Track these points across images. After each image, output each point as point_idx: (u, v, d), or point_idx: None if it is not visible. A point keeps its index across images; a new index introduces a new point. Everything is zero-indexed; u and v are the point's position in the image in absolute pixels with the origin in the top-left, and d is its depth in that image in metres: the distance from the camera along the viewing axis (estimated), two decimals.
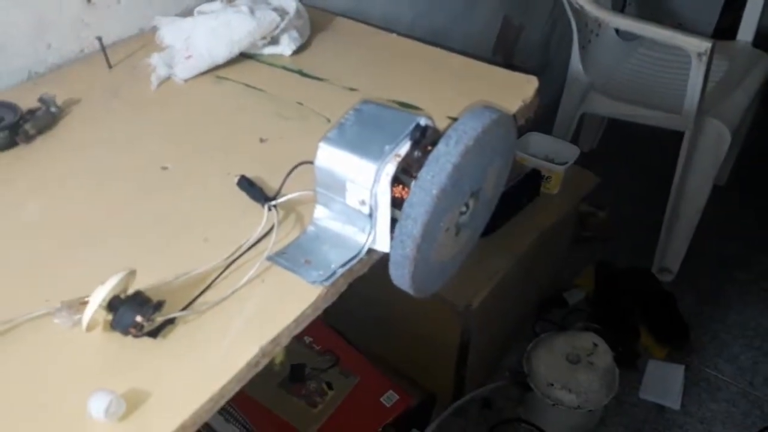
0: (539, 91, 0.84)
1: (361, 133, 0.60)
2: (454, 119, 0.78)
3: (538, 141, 1.62)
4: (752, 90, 1.73)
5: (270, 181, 0.70)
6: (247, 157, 0.74)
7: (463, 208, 0.60)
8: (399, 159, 0.58)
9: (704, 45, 1.43)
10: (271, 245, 0.61)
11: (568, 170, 1.52)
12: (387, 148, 0.58)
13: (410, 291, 0.59)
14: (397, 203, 0.59)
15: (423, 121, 0.60)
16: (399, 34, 0.96)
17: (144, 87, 0.85)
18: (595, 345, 1.49)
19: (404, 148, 0.59)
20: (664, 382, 1.65)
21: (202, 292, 0.58)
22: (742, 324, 1.79)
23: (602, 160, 2.04)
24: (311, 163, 0.63)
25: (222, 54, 0.87)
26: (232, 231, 0.64)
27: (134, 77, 0.87)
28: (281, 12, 0.91)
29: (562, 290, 1.83)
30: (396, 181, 0.59)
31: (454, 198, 0.57)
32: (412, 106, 0.81)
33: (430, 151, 0.60)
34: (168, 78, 0.86)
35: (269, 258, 0.61)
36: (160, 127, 0.80)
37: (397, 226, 0.55)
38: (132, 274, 0.56)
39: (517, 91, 0.83)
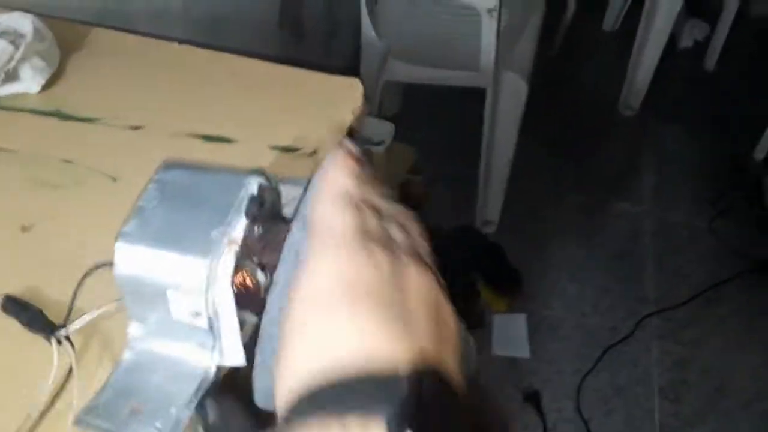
0: (363, 93, 0.72)
1: (173, 216, 0.43)
2: (286, 149, 0.64)
3: None
4: (534, 35, 1.77)
5: (52, 293, 0.50)
6: (6, 259, 0.53)
7: None
8: (236, 247, 0.43)
9: (492, 1, 1.41)
10: (74, 400, 0.43)
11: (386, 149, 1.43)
12: (215, 233, 0.42)
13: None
14: (241, 300, 0.44)
15: (255, 187, 0.45)
16: (180, 41, 0.77)
17: None
18: None
19: (238, 228, 0.43)
20: (511, 334, 1.69)
21: None
22: (563, 259, 1.89)
23: (407, 122, 1.99)
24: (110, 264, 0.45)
25: None
26: (11, 389, 0.44)
27: None
28: (13, 36, 0.67)
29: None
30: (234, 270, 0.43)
31: None
32: (223, 139, 0.65)
33: (272, 223, 0.46)
34: None
35: (78, 422, 0.42)
36: None
37: (258, 350, 0.40)
38: None
39: (341, 99, 0.69)
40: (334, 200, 0.36)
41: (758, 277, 1.83)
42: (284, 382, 0.32)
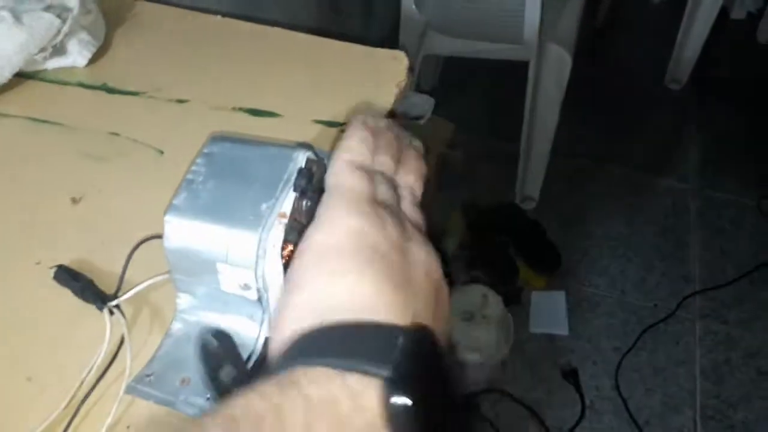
0: (408, 67, 0.70)
1: (222, 189, 0.43)
2: (330, 124, 0.63)
3: None
4: (579, 6, 1.72)
5: (103, 264, 0.51)
6: (57, 231, 0.54)
7: None
8: (285, 220, 0.42)
9: None
10: (126, 369, 0.44)
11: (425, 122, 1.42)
12: (264, 207, 0.42)
13: None
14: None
15: (303, 160, 0.44)
16: (223, 14, 0.77)
17: None
18: (485, 296, 1.46)
19: (288, 201, 0.43)
20: (549, 311, 1.67)
21: None
22: (604, 236, 1.85)
23: (445, 96, 1.97)
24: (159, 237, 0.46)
25: None
26: (64, 356, 0.45)
27: None
28: (60, 10, 0.67)
29: (433, 241, 1.77)
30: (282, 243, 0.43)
31: None
32: (267, 113, 0.64)
33: (319, 197, 0.45)
34: None
35: (129, 390, 0.43)
36: None
37: None
38: None
39: (385, 73, 0.68)
40: (349, 169, 0.37)
41: None
42: (287, 326, 0.32)
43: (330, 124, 0.63)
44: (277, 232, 0.42)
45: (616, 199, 1.93)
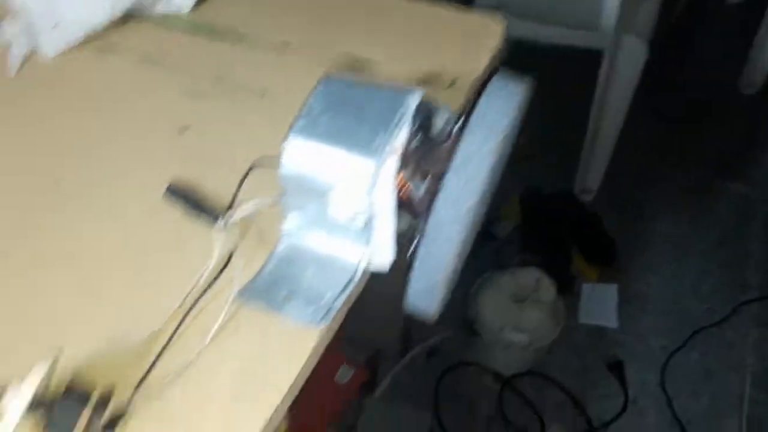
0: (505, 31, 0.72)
1: (339, 120, 0.46)
2: (426, 78, 0.65)
3: None
4: (656, 2, 1.69)
5: (209, 187, 0.54)
6: (165, 156, 0.58)
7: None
8: (400, 152, 0.45)
9: None
10: (238, 277, 0.47)
11: None
12: (380, 138, 0.45)
13: (429, 319, 0.47)
14: (401, 206, 0.46)
15: (417, 100, 0.47)
16: None
17: None
18: (538, 280, 1.46)
19: (401, 136, 0.45)
20: (600, 303, 1.67)
21: (156, 361, 0.43)
22: (664, 234, 1.83)
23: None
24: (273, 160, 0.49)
25: (100, 17, 0.67)
26: (175, 265, 0.49)
27: None
28: None
29: (488, 223, 1.78)
30: None
31: (482, 205, 0.45)
32: (367, 60, 0.67)
33: (432, 139, 0.48)
34: (30, 55, 0.66)
35: (240, 295, 0.46)
36: (33, 125, 0.60)
37: (423, 248, 0.42)
38: (57, 358, 0.40)
39: (481, 38, 0.70)
40: None
41: None
42: None
43: (426, 77, 0.65)
44: (391, 162, 0.44)
45: (678, 201, 1.90)
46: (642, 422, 1.50)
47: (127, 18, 0.70)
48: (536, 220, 1.78)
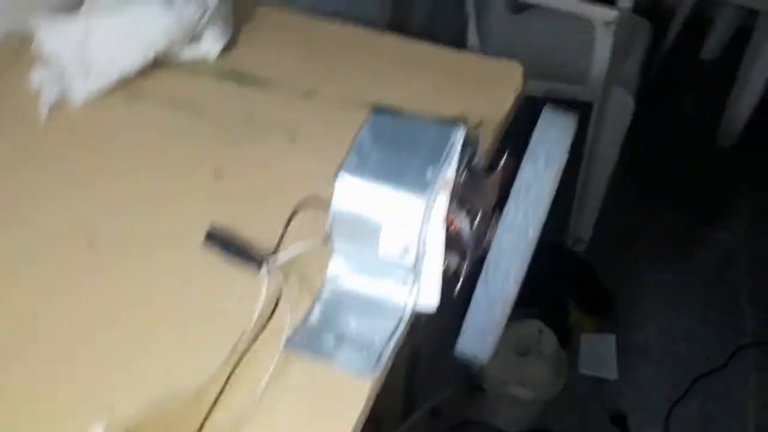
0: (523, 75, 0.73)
1: (389, 156, 0.45)
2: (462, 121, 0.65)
3: None
4: (641, 53, 1.76)
5: (249, 231, 0.52)
6: (201, 203, 0.56)
7: None
8: (449, 188, 0.44)
9: (611, 14, 1.41)
10: (286, 326, 0.45)
11: None
12: (430, 173, 0.44)
13: (484, 358, 0.46)
14: (447, 243, 0.45)
15: (463, 135, 0.46)
16: (342, 21, 0.80)
17: (28, 118, 0.63)
18: (540, 332, 1.45)
19: (450, 171, 0.45)
20: (599, 354, 1.65)
21: (207, 418, 0.40)
22: (655, 283, 1.84)
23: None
24: (319, 200, 0.48)
25: (131, 64, 0.66)
26: (221, 315, 0.46)
27: (11, 105, 0.64)
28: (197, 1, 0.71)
29: None
30: None
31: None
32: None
33: (477, 173, 0.47)
34: (60, 102, 0.64)
35: (288, 346, 0.44)
36: (66, 175, 0.59)
37: (482, 282, 0.41)
38: (110, 420, 0.37)
39: (502, 80, 0.71)
40: None
41: None
42: None
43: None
44: (441, 197, 0.44)
45: (666, 249, 1.92)
46: None
47: (155, 65, 0.69)
48: (531, 273, 1.77)
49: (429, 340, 1.26)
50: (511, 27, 1.84)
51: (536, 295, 1.71)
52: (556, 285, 1.74)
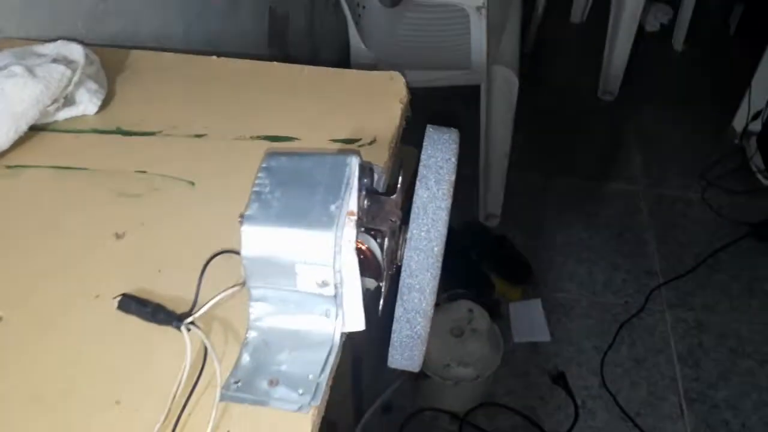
0: (406, 84, 0.75)
1: (289, 197, 0.46)
2: (347, 141, 0.67)
3: None
4: (516, 32, 1.83)
5: (161, 290, 0.52)
6: (108, 266, 0.55)
7: None
8: (354, 217, 0.45)
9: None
10: (218, 378, 0.45)
11: None
12: (333, 207, 0.45)
13: (415, 369, 0.48)
14: (360, 267, 0.47)
15: (357, 164, 0.48)
16: (218, 54, 0.80)
17: None
18: (471, 311, 1.50)
19: (352, 201, 0.46)
20: (529, 320, 1.73)
21: None
22: (567, 243, 1.94)
23: (406, 126, 2.04)
24: (230, 251, 0.48)
25: (5, 138, 0.64)
26: (150, 377, 0.46)
27: None
28: (65, 62, 0.69)
29: None
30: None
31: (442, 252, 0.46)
32: (286, 138, 0.67)
33: (378, 197, 0.49)
34: None
35: (222, 397, 0.44)
36: None
37: (399, 302, 0.43)
38: None
39: (387, 92, 0.73)
40: None
41: (754, 242, 1.90)
42: None
43: (347, 141, 0.67)
44: (349, 228, 0.45)
45: (572, 207, 2.03)
46: (595, 424, 1.55)
47: (33, 132, 0.67)
48: (452, 255, 1.83)
49: (367, 349, 1.28)
50: (389, 22, 1.88)
51: (460, 277, 1.77)
52: (477, 262, 1.80)
